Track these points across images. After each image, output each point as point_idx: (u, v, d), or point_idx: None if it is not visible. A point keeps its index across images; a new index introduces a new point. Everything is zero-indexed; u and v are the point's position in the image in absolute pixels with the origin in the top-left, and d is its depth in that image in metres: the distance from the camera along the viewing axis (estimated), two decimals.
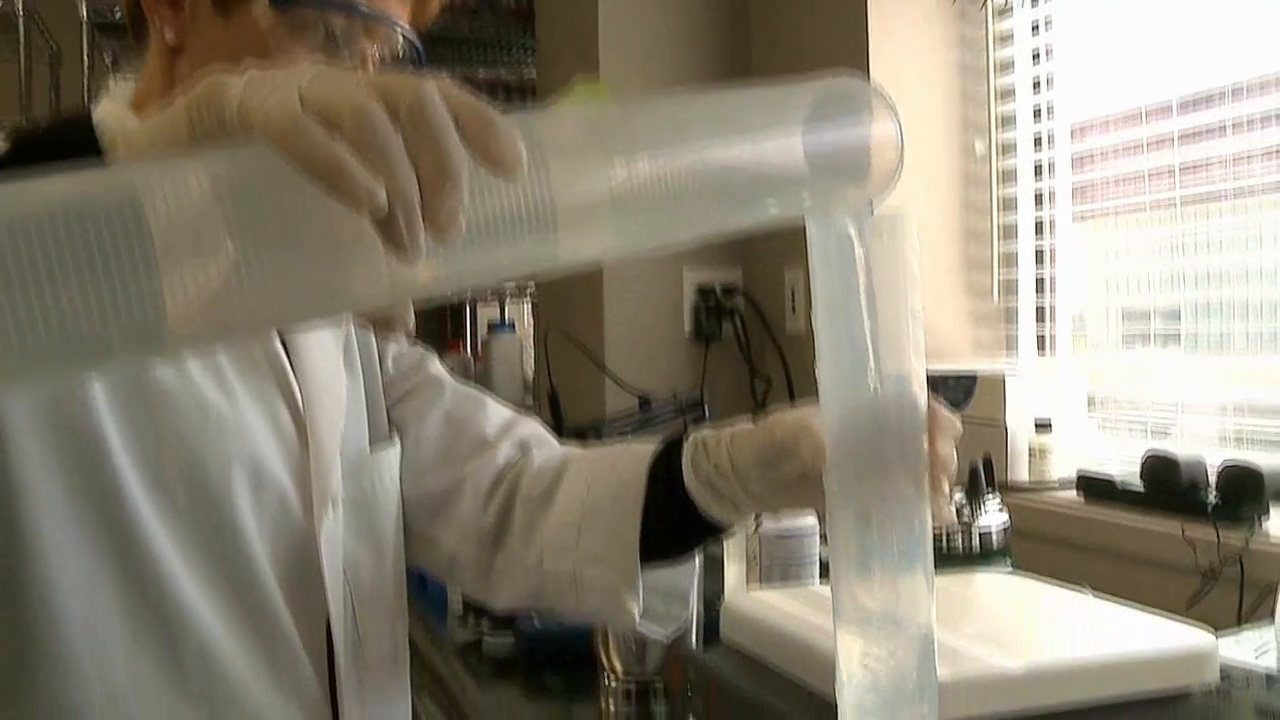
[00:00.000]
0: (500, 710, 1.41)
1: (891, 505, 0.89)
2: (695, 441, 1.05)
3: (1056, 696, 1.05)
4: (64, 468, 0.91)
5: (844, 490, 0.91)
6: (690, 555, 1.11)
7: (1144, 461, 1.87)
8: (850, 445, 0.90)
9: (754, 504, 1.03)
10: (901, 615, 0.89)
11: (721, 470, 1.02)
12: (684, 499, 1.04)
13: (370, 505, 1.12)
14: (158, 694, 0.95)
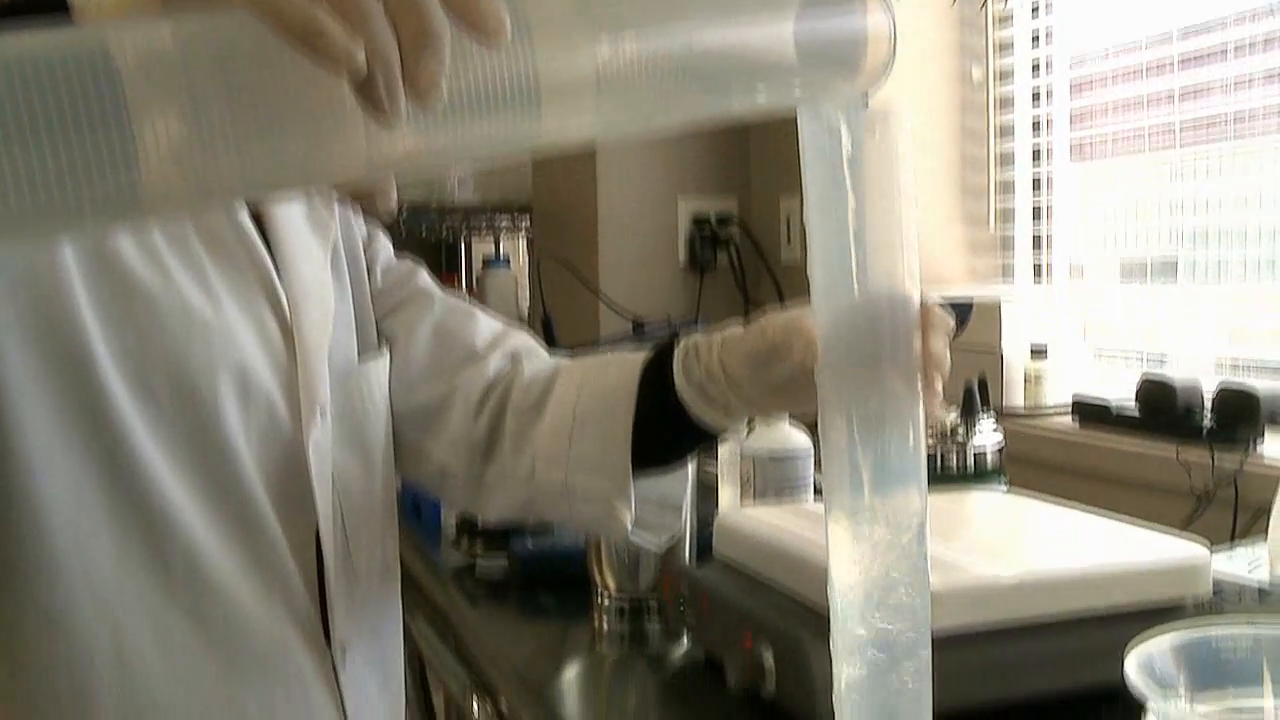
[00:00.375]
0: (495, 632, 1.41)
1: (884, 405, 0.88)
2: (686, 347, 1.04)
3: (1050, 606, 1.05)
4: (48, 371, 0.90)
5: (836, 390, 0.90)
6: (683, 463, 1.10)
7: (1140, 386, 1.87)
8: (842, 343, 0.89)
9: (746, 407, 1.02)
10: (894, 516, 0.89)
11: (713, 375, 1.01)
12: (676, 405, 1.04)
13: (359, 416, 1.11)
14: (145, 600, 0.95)
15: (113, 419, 0.92)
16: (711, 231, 2.74)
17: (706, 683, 1.21)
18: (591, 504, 1.08)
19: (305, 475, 1.02)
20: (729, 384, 1.00)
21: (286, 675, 1.01)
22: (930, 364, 0.89)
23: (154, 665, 0.95)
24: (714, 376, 1.01)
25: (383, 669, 1.14)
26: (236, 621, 0.98)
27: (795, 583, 1.10)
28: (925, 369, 0.89)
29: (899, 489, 0.88)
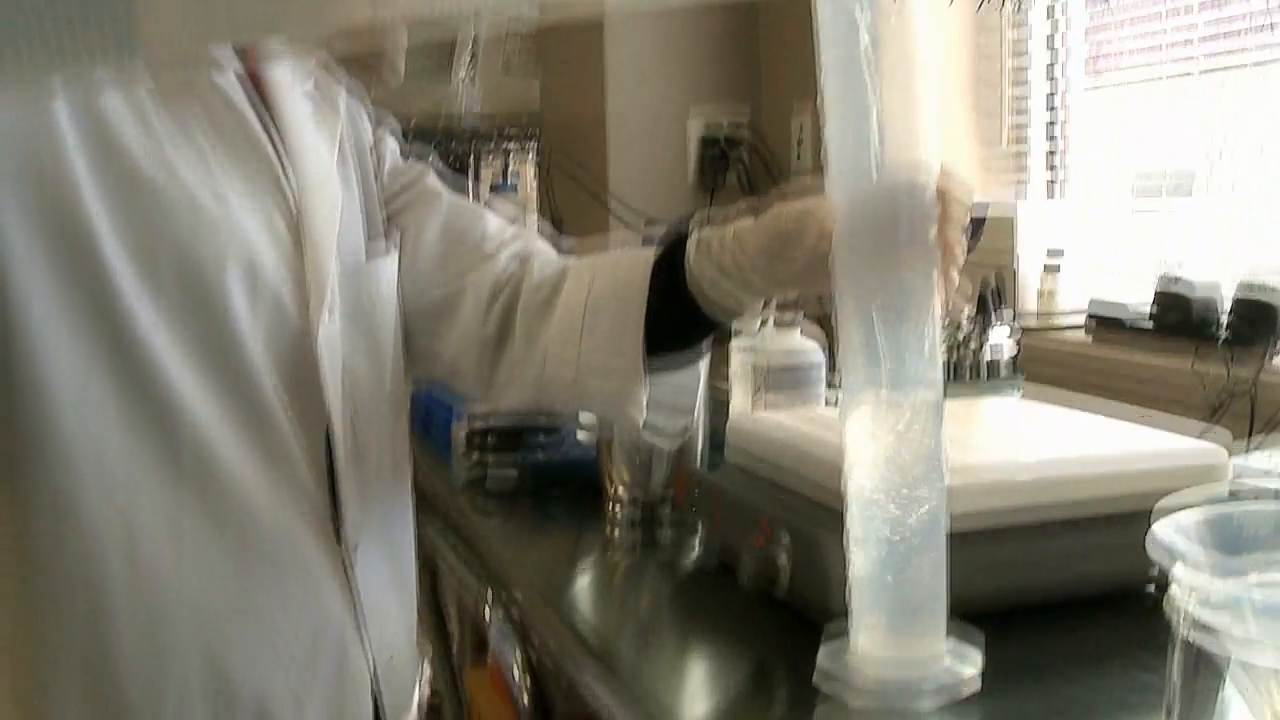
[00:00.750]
0: (507, 541, 1.41)
1: (899, 291, 0.87)
2: (698, 240, 1.03)
3: (1067, 503, 1.04)
4: (53, 261, 0.89)
5: (851, 277, 0.89)
6: (695, 360, 1.09)
7: (1155, 296, 1.85)
8: (858, 230, 0.88)
9: (758, 297, 1.01)
10: (910, 403, 0.88)
11: (725, 268, 1.00)
12: (688, 299, 1.02)
13: (368, 313, 1.10)
14: (154, 489, 0.94)
15: (119, 309, 0.91)
16: (721, 150, 2.71)
17: (719, 586, 1.20)
18: (602, 400, 1.07)
19: (315, 370, 1.01)
20: (742, 274, 0.99)
21: (298, 568, 1.01)
22: (947, 253, 0.88)
23: (165, 554, 0.95)
24: (726, 270, 1.00)
25: (395, 567, 1.13)
26: (247, 513, 0.98)
27: (808, 482, 1.09)
28: (942, 258, 0.88)
29: (914, 376, 0.88)
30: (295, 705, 1.01)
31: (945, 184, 0.89)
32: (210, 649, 0.97)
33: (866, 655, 0.91)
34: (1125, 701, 0.90)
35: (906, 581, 0.90)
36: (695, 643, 1.09)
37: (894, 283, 0.87)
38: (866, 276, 0.88)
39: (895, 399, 0.87)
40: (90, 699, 0.95)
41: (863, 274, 0.88)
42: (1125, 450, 1.12)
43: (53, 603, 0.94)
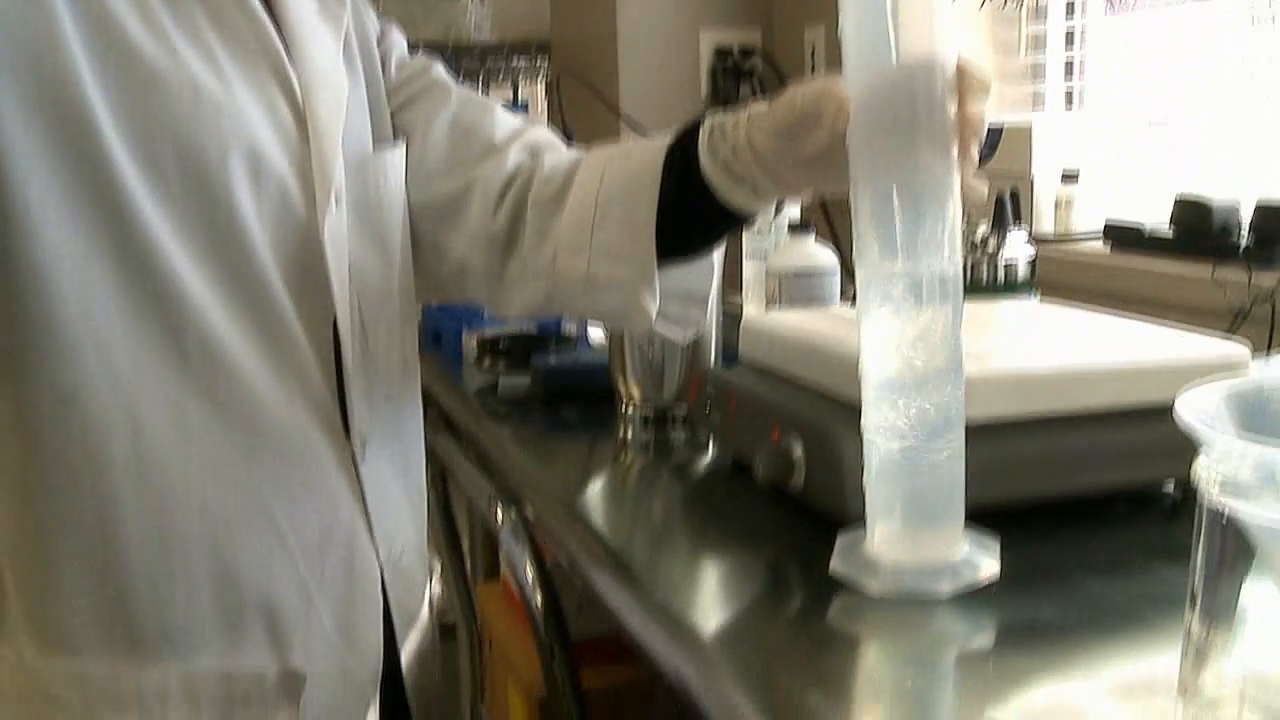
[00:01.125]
0: (519, 446, 1.40)
1: (918, 172, 0.85)
2: (711, 125, 1.00)
3: (1085, 397, 1.02)
4: (52, 146, 0.87)
5: (868, 158, 0.87)
6: (709, 251, 1.07)
7: (1175, 206, 1.83)
8: (875, 107, 0.85)
9: (773, 185, 0.98)
10: (928, 289, 0.86)
11: (739, 152, 0.97)
12: (702, 187, 1.00)
13: (375, 205, 1.08)
14: (159, 380, 0.93)
15: (120, 197, 0.89)
16: (734, 64, 2.68)
17: (733, 487, 1.20)
18: (614, 292, 1.05)
19: (321, 262, 1.00)
20: (756, 160, 0.97)
21: (306, 464, 1.00)
22: (967, 128, 0.86)
23: (170, 447, 0.94)
24: (740, 153, 0.97)
25: (403, 465, 1.13)
26: (254, 407, 0.97)
27: (822, 378, 1.07)
28: (961, 134, 0.86)
29: (934, 260, 0.86)
30: (304, 599, 1.01)
31: (964, 62, 0.87)
32: (217, 541, 0.96)
33: (883, 546, 0.90)
34: (1148, 596, 0.89)
35: (924, 480, 0.89)
36: (710, 543, 1.09)
37: (912, 161, 0.85)
38: (883, 156, 0.86)
39: (912, 288, 0.86)
40: (97, 590, 0.94)
41: (879, 153, 0.86)
42: (1145, 348, 1.10)
43: (57, 494, 0.93)
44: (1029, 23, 2.38)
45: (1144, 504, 1.09)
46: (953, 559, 0.89)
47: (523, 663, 1.61)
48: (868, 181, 0.87)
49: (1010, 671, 0.79)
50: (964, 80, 0.86)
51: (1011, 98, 2.42)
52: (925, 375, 0.87)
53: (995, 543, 0.92)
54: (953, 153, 0.85)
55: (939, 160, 0.85)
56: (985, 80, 0.87)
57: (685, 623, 0.89)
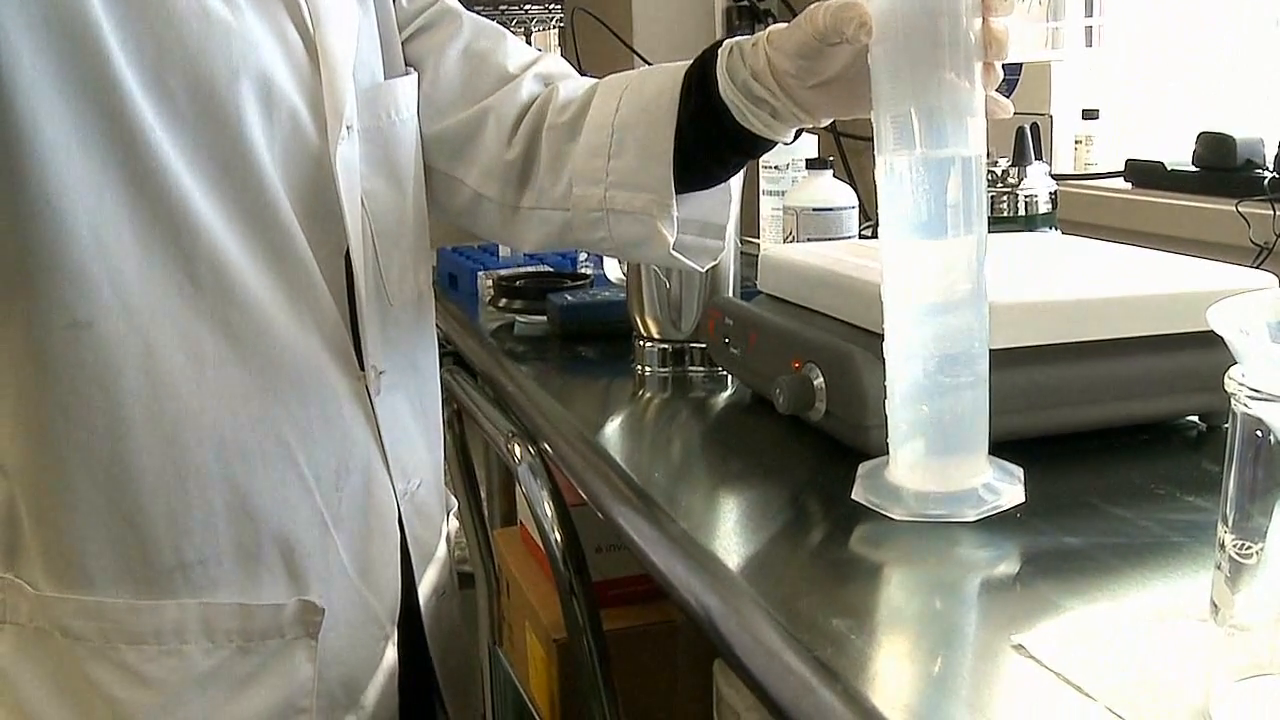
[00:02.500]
0: (537, 383, 1.39)
1: (941, 89, 0.83)
2: (730, 46, 0.99)
3: (1113, 327, 1.01)
4: (60, 69, 0.86)
5: (891, 78, 0.85)
6: (727, 176, 1.06)
7: (1198, 141, 1.80)
8: (897, 22, 0.84)
9: (793, 108, 0.96)
10: (953, 216, 0.84)
11: (759, 74, 0.96)
12: (720, 113, 0.98)
13: (387, 135, 1.07)
14: (173, 310, 0.92)
15: (130, 120, 0.88)
16: (751, 3, 2.65)
17: (753, 420, 1.19)
18: (631, 220, 1.04)
19: (333, 192, 0.99)
20: (777, 80, 0.95)
21: (320, 395, 0.99)
22: (991, 43, 0.84)
23: (184, 376, 0.93)
24: (760, 74, 0.96)
25: (419, 400, 1.12)
26: (267, 337, 0.96)
27: (842, 307, 1.06)
28: (985, 49, 0.84)
29: (956, 182, 0.84)
30: (321, 533, 1.00)
31: None
32: (232, 473, 0.96)
33: (906, 473, 0.89)
34: (1175, 523, 0.88)
35: (948, 405, 0.87)
36: (732, 475, 1.08)
37: (935, 78, 0.83)
38: (906, 73, 0.84)
39: (936, 213, 0.84)
40: (112, 523, 0.94)
41: (902, 69, 0.84)
42: (1170, 278, 1.09)
43: (71, 425, 0.92)
44: None
45: (1169, 435, 1.07)
46: (977, 485, 0.88)
47: (541, 607, 1.60)
48: (890, 99, 0.85)
49: (1037, 597, 0.78)
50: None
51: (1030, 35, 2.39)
52: (949, 301, 0.86)
53: (1019, 471, 0.91)
54: (976, 69, 0.84)
55: (962, 76, 0.83)
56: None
57: (709, 555, 0.89)
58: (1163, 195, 1.83)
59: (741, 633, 0.79)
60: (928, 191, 0.84)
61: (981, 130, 0.85)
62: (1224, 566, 0.60)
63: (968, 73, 0.83)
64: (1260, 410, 0.55)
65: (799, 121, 0.99)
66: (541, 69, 1.14)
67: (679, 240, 1.04)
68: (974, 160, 0.84)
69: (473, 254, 1.99)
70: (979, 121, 0.84)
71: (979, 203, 0.85)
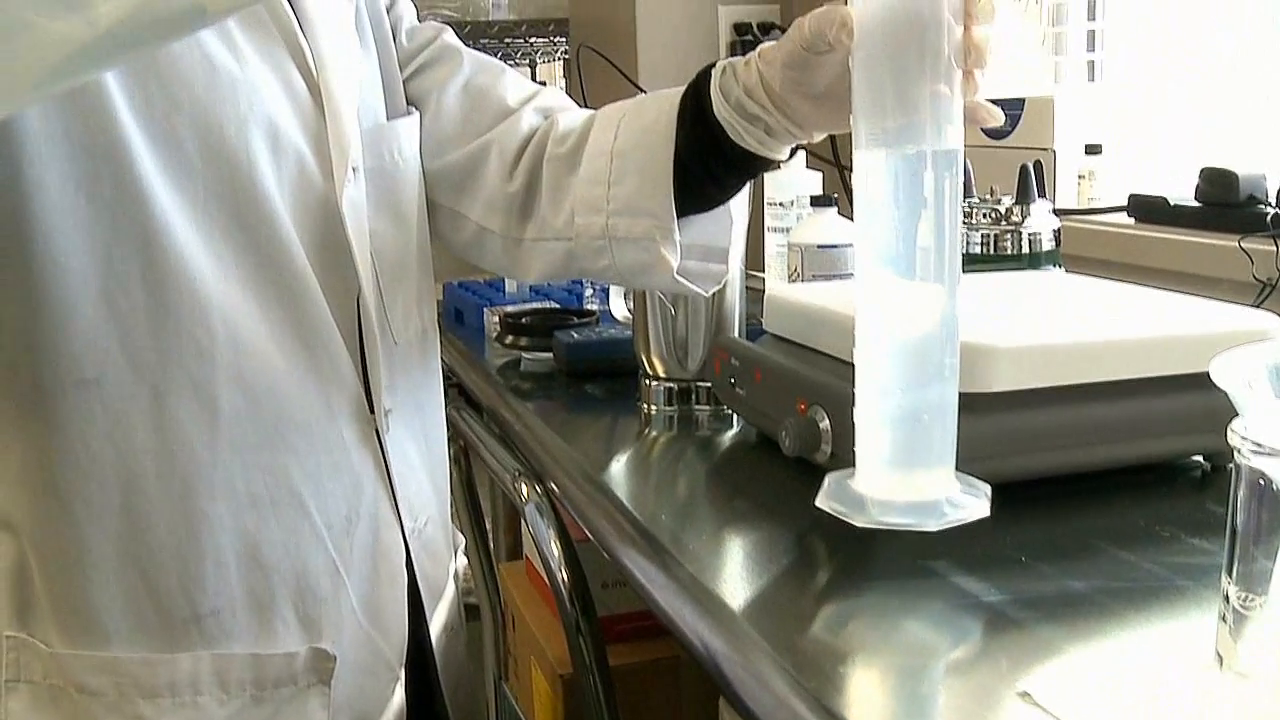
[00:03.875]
0: (543, 421, 1.39)
1: (922, 97, 0.83)
2: (723, 67, 1.00)
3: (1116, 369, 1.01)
4: (67, 128, 0.86)
5: (872, 87, 0.85)
6: (726, 198, 1.06)
7: (1200, 177, 1.81)
8: (879, 31, 0.84)
9: (786, 123, 0.97)
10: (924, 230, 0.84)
11: (751, 90, 0.97)
12: (716, 134, 1.00)
13: (391, 175, 1.08)
14: (184, 365, 0.93)
15: (138, 176, 0.89)
16: (754, 39, 2.66)
17: (759, 459, 1.19)
18: (635, 246, 1.05)
19: (342, 234, 1.00)
20: (768, 95, 0.96)
21: (331, 441, 1.00)
22: (972, 53, 0.84)
23: (195, 428, 0.93)
24: (752, 90, 0.97)
25: (424, 437, 1.13)
26: (279, 385, 0.96)
27: (847, 347, 1.06)
28: (966, 58, 0.84)
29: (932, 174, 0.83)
30: (332, 577, 1.01)
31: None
32: (244, 521, 0.96)
33: (870, 483, 0.88)
34: (1179, 566, 0.88)
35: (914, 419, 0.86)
36: (737, 515, 1.08)
37: (916, 85, 0.83)
38: (886, 81, 0.84)
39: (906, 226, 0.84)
40: (125, 577, 0.94)
41: (883, 75, 0.84)
42: (1173, 319, 1.09)
43: (82, 481, 0.92)
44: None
45: (1173, 475, 1.08)
46: (941, 497, 0.87)
47: (546, 642, 1.61)
48: (870, 104, 0.85)
49: (1041, 642, 0.78)
50: (970, 3, 0.84)
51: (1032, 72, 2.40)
52: (920, 339, 0.85)
53: (986, 487, 0.90)
54: (956, 79, 0.83)
55: (942, 83, 0.83)
56: (991, 5, 0.85)
57: (713, 596, 0.89)
58: (1166, 230, 1.84)
59: (746, 675, 0.80)
60: (901, 191, 0.83)
61: (959, 137, 0.84)
62: (1228, 618, 0.61)
63: (948, 80, 0.83)
64: (1262, 464, 0.56)
65: (793, 137, 1.00)
66: (541, 102, 1.15)
67: (682, 266, 1.05)
68: (946, 155, 0.84)
69: (479, 289, 2.00)
70: (956, 128, 0.84)
71: (952, 200, 0.84)
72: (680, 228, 1.03)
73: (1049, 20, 2.36)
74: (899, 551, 0.89)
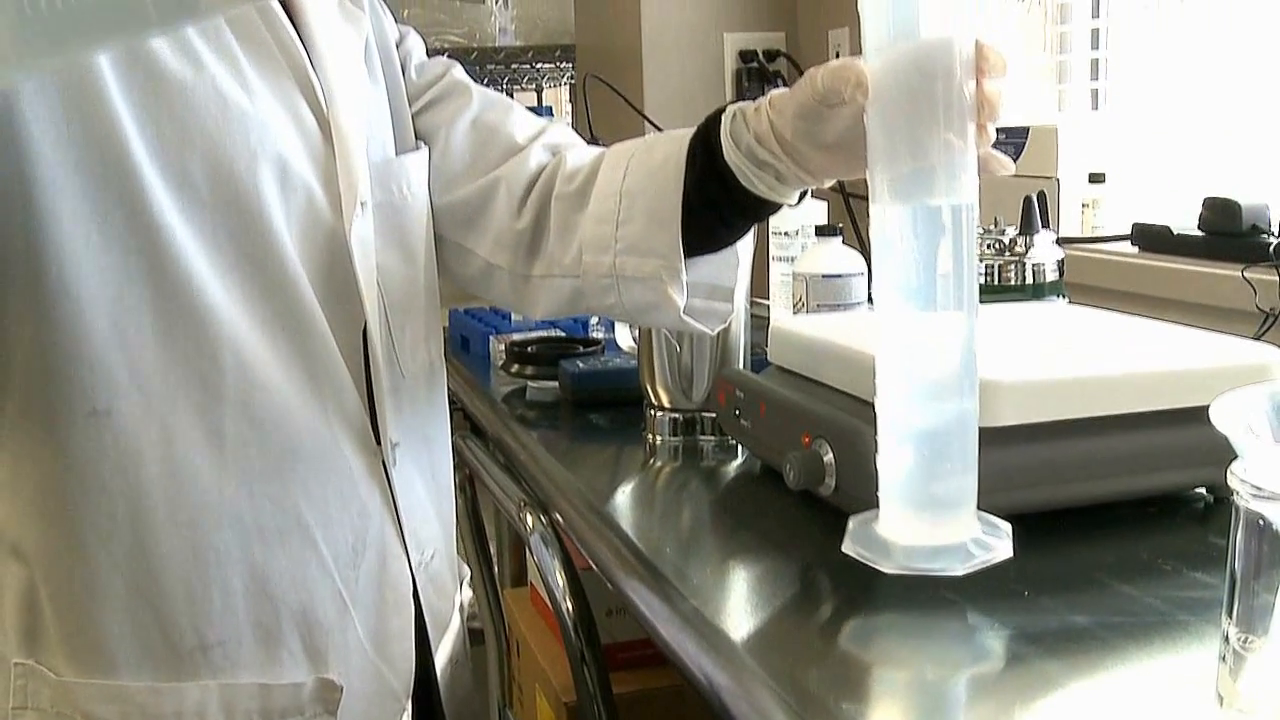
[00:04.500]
0: (548, 451, 1.40)
1: (935, 149, 0.84)
2: (734, 112, 1.00)
3: (1118, 404, 1.01)
4: (81, 163, 0.88)
5: (887, 140, 0.86)
6: (734, 240, 1.07)
7: (1203, 207, 1.82)
8: (893, 85, 0.85)
9: (796, 170, 0.97)
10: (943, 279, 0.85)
11: (762, 137, 0.97)
12: (725, 177, 1.00)
13: (399, 210, 1.09)
14: (192, 398, 0.93)
15: (150, 210, 0.90)
16: (760, 66, 2.67)
17: (763, 491, 1.19)
18: (642, 285, 1.05)
19: (350, 269, 1.00)
20: (780, 144, 0.96)
21: (338, 473, 1.00)
22: (984, 107, 0.85)
23: (204, 460, 0.94)
24: (763, 138, 0.97)
25: (431, 470, 1.13)
26: (287, 417, 0.97)
27: (852, 381, 1.07)
28: (979, 113, 0.85)
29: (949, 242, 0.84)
30: (339, 608, 1.01)
31: (982, 42, 0.86)
32: (252, 554, 0.97)
33: (895, 527, 0.89)
34: (1181, 600, 0.88)
35: (937, 466, 0.87)
36: (741, 547, 1.08)
37: (930, 137, 0.84)
38: (902, 134, 0.85)
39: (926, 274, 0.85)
40: (133, 607, 0.95)
41: (897, 128, 0.85)
42: (1175, 352, 1.10)
43: (91, 511, 0.93)
44: (1053, 23, 2.37)
45: (1176, 507, 1.08)
46: (965, 540, 0.88)
47: (551, 668, 1.61)
48: (885, 156, 0.86)
49: (1044, 677, 0.78)
50: (982, 59, 0.85)
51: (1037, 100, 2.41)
52: (940, 374, 0.86)
53: (1006, 526, 0.91)
54: (970, 130, 0.84)
55: (956, 135, 0.84)
56: (1003, 60, 0.86)
57: (716, 628, 0.89)
58: (1169, 259, 1.84)
59: (749, 709, 0.80)
60: (919, 240, 0.84)
61: (973, 187, 0.85)
62: (1228, 658, 0.61)
63: (961, 132, 0.84)
64: (1261, 507, 0.57)
65: (803, 183, 1.00)
66: (549, 139, 1.16)
67: (688, 304, 1.05)
68: (964, 209, 0.85)
69: (485, 317, 2.01)
70: (970, 177, 0.85)
71: (969, 255, 0.85)
72: (687, 267, 1.04)
73: (1053, 49, 2.37)
74: (902, 585, 0.90)
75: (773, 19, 2.71)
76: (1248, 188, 1.87)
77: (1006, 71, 0.86)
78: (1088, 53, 2.32)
